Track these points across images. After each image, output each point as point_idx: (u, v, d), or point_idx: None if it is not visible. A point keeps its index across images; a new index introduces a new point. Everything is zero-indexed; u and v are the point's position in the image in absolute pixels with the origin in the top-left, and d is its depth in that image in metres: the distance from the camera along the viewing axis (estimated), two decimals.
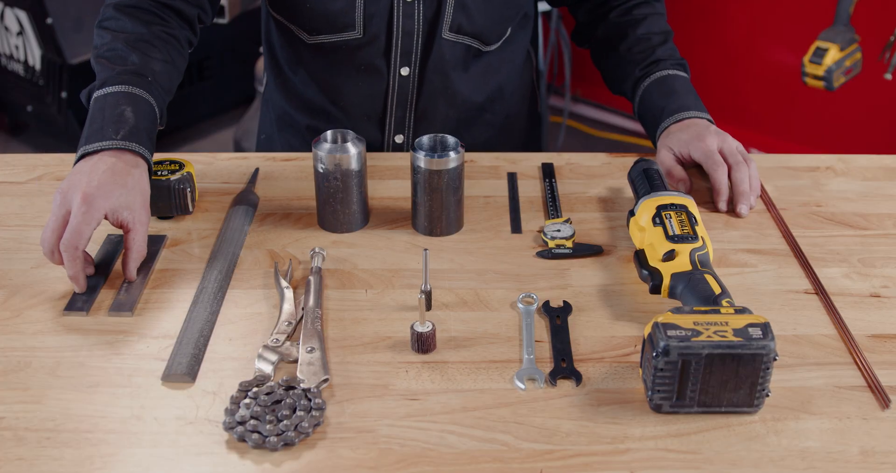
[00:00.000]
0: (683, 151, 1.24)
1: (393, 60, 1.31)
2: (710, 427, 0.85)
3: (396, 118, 1.37)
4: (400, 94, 1.35)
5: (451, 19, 1.28)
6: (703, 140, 1.23)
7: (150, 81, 1.15)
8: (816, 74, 2.89)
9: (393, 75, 1.33)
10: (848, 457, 0.82)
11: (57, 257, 1.01)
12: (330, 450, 0.82)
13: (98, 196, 1.01)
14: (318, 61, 1.35)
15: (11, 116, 3.39)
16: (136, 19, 1.20)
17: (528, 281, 1.07)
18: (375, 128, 1.39)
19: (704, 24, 3.18)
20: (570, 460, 0.81)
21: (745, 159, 1.22)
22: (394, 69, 1.32)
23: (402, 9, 1.27)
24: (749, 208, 1.20)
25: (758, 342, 0.83)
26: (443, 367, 0.93)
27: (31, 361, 0.93)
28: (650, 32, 1.36)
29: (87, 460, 0.81)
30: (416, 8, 1.26)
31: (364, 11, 1.26)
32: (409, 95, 1.35)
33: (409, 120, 1.38)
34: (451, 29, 1.28)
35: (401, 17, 1.27)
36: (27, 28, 3.03)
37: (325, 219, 1.16)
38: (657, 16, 1.39)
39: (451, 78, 1.35)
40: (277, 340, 0.95)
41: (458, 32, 1.30)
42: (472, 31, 1.31)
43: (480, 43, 1.34)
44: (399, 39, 1.29)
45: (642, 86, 1.33)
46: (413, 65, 1.32)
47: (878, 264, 1.10)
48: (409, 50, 1.30)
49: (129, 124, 1.09)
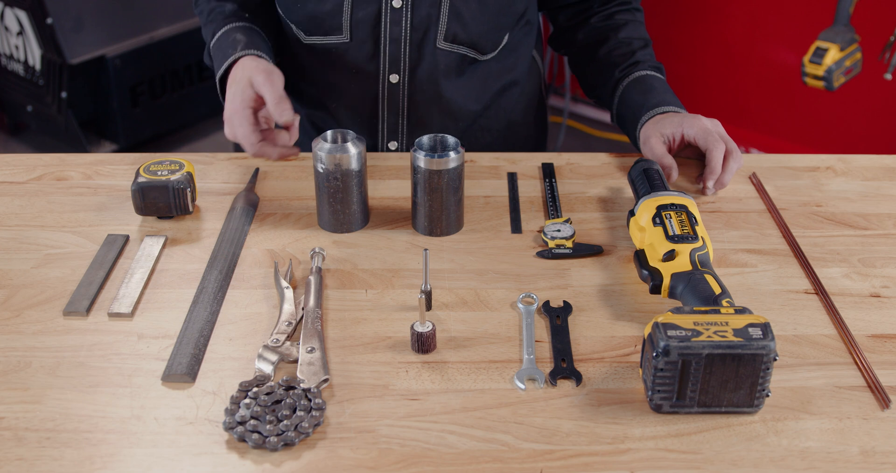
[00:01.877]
0: (676, 132, 1.24)
1: (382, 66, 1.31)
2: (710, 427, 0.85)
3: (389, 124, 1.37)
4: (391, 100, 1.35)
5: (447, 29, 1.27)
6: (698, 120, 1.24)
7: (248, 16, 1.34)
8: (816, 74, 2.89)
9: (382, 82, 1.33)
10: (848, 457, 0.82)
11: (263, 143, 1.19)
12: (330, 450, 0.82)
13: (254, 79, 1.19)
14: (314, 62, 1.36)
15: (11, 116, 3.39)
16: None
17: (528, 281, 1.07)
18: (369, 134, 1.39)
19: (704, 24, 3.17)
20: (570, 460, 0.81)
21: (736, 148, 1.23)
22: (383, 76, 1.32)
23: (390, 15, 1.26)
24: (721, 186, 1.23)
25: (758, 342, 0.83)
26: (443, 367, 0.93)
27: (31, 361, 0.93)
28: (631, 37, 1.37)
29: (87, 460, 0.81)
30: (404, 15, 1.26)
31: (351, 16, 1.27)
32: (399, 102, 1.35)
33: (402, 126, 1.38)
34: (445, 38, 1.28)
35: (388, 23, 1.27)
36: (27, 28, 3.03)
37: (325, 219, 1.16)
38: (637, 23, 1.40)
39: (443, 86, 1.34)
40: (277, 340, 0.95)
41: (453, 42, 1.29)
42: (467, 40, 1.30)
43: (476, 52, 1.33)
44: (386, 46, 1.29)
45: (621, 86, 1.34)
46: (402, 72, 1.32)
47: (878, 264, 1.10)
48: (398, 57, 1.30)
49: (242, 42, 1.27)
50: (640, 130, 1.29)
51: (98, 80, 3.12)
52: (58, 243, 1.13)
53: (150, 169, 1.17)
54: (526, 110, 1.50)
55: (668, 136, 1.24)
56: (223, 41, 1.30)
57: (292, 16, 1.33)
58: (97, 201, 1.22)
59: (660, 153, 1.23)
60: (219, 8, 1.35)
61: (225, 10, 1.34)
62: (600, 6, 1.40)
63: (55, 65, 3.03)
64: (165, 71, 3.26)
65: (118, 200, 1.23)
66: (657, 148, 1.24)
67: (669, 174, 1.22)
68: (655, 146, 1.24)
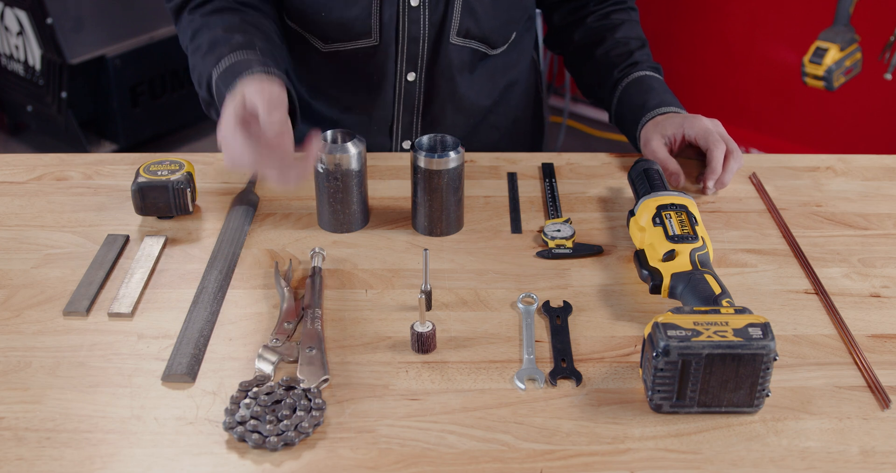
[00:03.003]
0: (678, 133, 1.24)
1: (399, 65, 1.31)
2: (710, 427, 0.85)
3: (404, 124, 1.37)
4: (406, 99, 1.35)
5: (459, 24, 1.27)
6: (699, 120, 1.24)
7: (260, 48, 1.16)
8: (816, 74, 2.89)
9: (399, 81, 1.33)
10: (848, 457, 0.82)
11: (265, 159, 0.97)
12: (330, 450, 0.82)
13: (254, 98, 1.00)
14: (330, 69, 1.35)
15: (11, 116, 3.39)
16: (223, 15, 1.21)
17: (528, 281, 1.07)
18: (383, 133, 1.39)
19: (704, 23, 3.17)
20: (570, 460, 0.81)
21: None
22: (399, 75, 1.32)
23: (408, 14, 1.26)
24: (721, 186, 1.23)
25: (758, 342, 0.83)
26: (443, 367, 0.93)
27: (31, 361, 0.93)
28: (628, 37, 1.37)
29: (87, 460, 0.81)
30: (422, 13, 1.26)
31: (380, 18, 1.26)
32: (415, 100, 1.35)
33: (417, 125, 1.38)
34: (458, 33, 1.28)
35: (406, 22, 1.27)
36: (27, 28, 3.03)
37: (325, 219, 1.16)
38: (633, 23, 1.40)
39: (458, 82, 1.34)
40: (277, 340, 0.95)
41: (466, 36, 1.29)
42: (479, 34, 1.30)
43: (487, 46, 1.34)
44: (405, 45, 1.29)
45: (620, 86, 1.34)
46: (419, 70, 1.32)
47: (878, 264, 1.10)
48: (415, 55, 1.30)
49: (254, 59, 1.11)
50: (640, 132, 1.29)
51: (98, 80, 3.12)
52: (58, 243, 1.13)
53: (150, 169, 1.17)
54: (527, 108, 1.51)
55: (669, 137, 1.24)
56: (235, 67, 1.12)
57: (312, 26, 1.31)
58: (97, 201, 1.22)
59: (663, 157, 1.23)
60: (222, 38, 1.18)
61: (231, 41, 1.17)
62: (596, 5, 1.40)
63: (55, 65, 3.03)
64: (165, 71, 3.26)
65: (118, 200, 1.23)
66: (660, 152, 1.24)
67: (677, 181, 1.22)
68: (658, 150, 1.24)
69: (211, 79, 1.15)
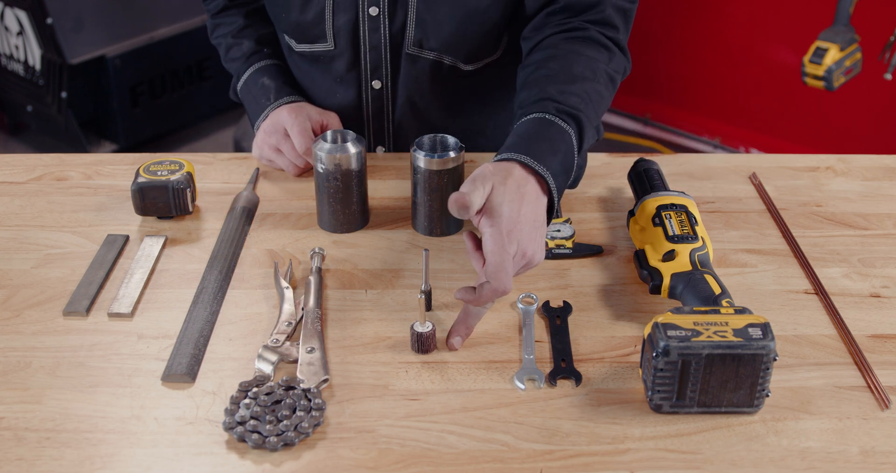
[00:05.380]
0: None
1: (364, 72, 1.31)
2: (710, 427, 0.85)
3: (374, 129, 1.38)
4: (374, 106, 1.34)
5: (413, 34, 1.27)
6: None
7: (269, 51, 1.38)
8: (816, 74, 2.89)
9: (365, 88, 1.33)
10: (848, 457, 0.82)
11: None
12: (330, 450, 0.82)
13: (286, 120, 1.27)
14: (304, 68, 1.36)
15: (11, 116, 3.39)
16: (231, 17, 1.41)
17: (528, 281, 1.07)
18: None
19: (704, 23, 3.17)
20: (570, 460, 0.81)
21: None
22: (365, 82, 1.32)
23: (368, 23, 1.26)
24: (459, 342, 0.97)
25: (758, 343, 0.83)
26: (443, 367, 0.93)
27: (31, 361, 0.93)
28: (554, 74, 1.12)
29: (87, 460, 0.81)
30: (382, 22, 1.26)
31: (333, 24, 1.27)
32: (384, 107, 1.35)
33: (389, 131, 1.37)
34: (413, 43, 1.27)
35: (367, 31, 1.27)
36: (27, 28, 3.03)
37: (325, 219, 1.16)
38: (576, 55, 1.14)
39: (425, 93, 1.32)
40: (277, 340, 0.95)
41: (421, 47, 1.28)
42: (435, 46, 1.27)
43: (453, 60, 1.30)
44: (367, 53, 1.29)
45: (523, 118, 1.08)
46: (384, 78, 1.31)
47: (878, 264, 1.10)
48: (379, 64, 1.30)
49: (273, 88, 1.33)
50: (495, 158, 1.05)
51: (98, 80, 3.12)
52: (58, 243, 1.13)
53: (150, 169, 1.17)
54: None
55: None
56: (251, 87, 1.35)
57: (281, 25, 1.34)
58: (97, 201, 1.22)
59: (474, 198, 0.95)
60: (236, 46, 1.38)
61: (243, 49, 1.38)
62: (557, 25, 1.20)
63: (55, 65, 3.03)
64: (165, 71, 3.26)
65: (118, 200, 1.23)
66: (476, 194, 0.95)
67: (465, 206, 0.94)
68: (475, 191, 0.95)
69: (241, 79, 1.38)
